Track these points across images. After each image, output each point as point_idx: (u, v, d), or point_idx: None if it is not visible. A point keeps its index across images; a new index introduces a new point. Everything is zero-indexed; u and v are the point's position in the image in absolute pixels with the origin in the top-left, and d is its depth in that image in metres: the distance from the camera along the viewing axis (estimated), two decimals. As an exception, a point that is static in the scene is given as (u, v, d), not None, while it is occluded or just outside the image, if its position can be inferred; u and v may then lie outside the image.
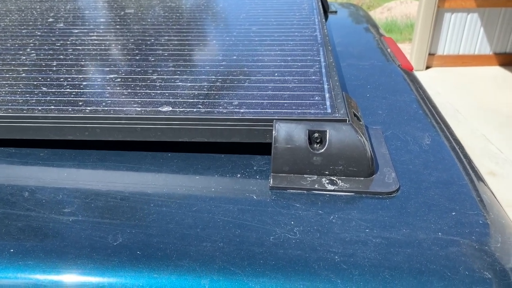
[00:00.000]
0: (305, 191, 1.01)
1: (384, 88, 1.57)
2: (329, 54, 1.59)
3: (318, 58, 1.61)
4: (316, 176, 1.04)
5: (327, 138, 1.02)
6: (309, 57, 1.57)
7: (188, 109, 1.22)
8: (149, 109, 1.22)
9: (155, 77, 1.43)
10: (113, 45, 1.72)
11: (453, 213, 0.94)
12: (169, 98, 1.28)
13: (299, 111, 1.08)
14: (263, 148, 1.15)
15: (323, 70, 1.48)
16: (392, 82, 1.63)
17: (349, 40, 2.25)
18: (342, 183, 1.03)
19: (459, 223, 0.91)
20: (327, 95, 1.35)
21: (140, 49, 1.65)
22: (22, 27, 1.94)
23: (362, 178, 1.04)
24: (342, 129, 1.02)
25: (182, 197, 1.00)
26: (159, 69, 1.48)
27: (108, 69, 1.52)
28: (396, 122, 1.32)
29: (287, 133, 1.03)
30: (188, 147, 1.18)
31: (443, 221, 0.91)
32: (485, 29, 6.72)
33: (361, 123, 1.27)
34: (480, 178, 1.19)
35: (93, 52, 1.65)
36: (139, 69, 1.49)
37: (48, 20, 2.06)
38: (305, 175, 1.05)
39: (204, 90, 1.34)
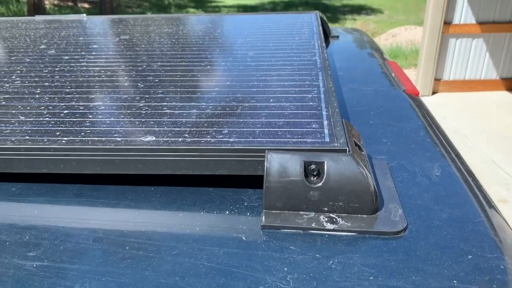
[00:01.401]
0: (301, 231, 0.89)
1: (389, 115, 1.46)
2: (329, 78, 1.49)
3: (317, 83, 1.51)
4: (313, 213, 0.92)
5: (325, 170, 0.94)
6: (307, 82, 1.47)
7: (172, 139, 1.12)
8: (131, 139, 1.11)
9: (141, 104, 1.33)
10: (103, 71, 1.64)
11: (470, 257, 0.81)
12: (154, 127, 1.17)
13: (295, 140, 0.98)
14: (258, 180, 1.03)
15: (322, 96, 1.38)
16: (397, 107, 1.52)
17: (352, 64, 2.15)
18: (343, 221, 0.91)
19: (477, 269, 0.78)
20: (325, 123, 1.24)
21: (130, 75, 1.57)
22: (12, 54, 1.87)
23: (365, 216, 0.92)
24: (342, 160, 0.93)
25: (162, 238, 0.88)
26: (147, 96, 1.39)
27: (93, 96, 1.43)
28: (403, 152, 1.21)
29: (281, 164, 0.94)
30: (172, 180, 1.06)
31: (458, 266, 0.79)
32: (490, 54, 6.65)
33: (363, 153, 1.16)
34: (497, 213, 1.07)
35: (80, 79, 1.56)
36: (126, 96, 1.39)
37: (40, 47, 1.99)
38: (301, 212, 0.94)
39: (192, 118, 1.24)
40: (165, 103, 1.34)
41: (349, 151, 1.08)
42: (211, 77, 1.59)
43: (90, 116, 1.28)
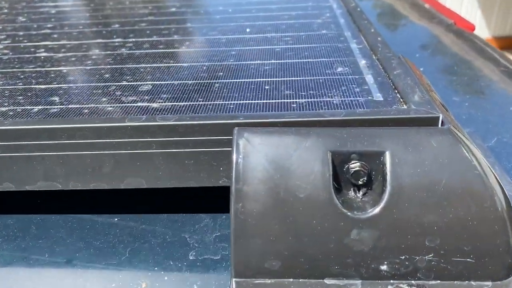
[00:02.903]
0: None
1: (449, 59, 0.81)
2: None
3: (328, 4, 0.84)
4: (357, 282, 0.38)
5: (389, 172, 0.43)
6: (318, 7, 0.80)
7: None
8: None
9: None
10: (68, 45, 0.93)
11: None
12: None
13: (304, 100, 0.47)
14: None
15: (341, 20, 0.71)
16: (456, 48, 0.88)
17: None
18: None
19: None
20: (362, 62, 0.59)
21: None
22: None
23: (490, 284, 0.40)
24: (431, 146, 0.43)
25: None
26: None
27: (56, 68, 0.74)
28: (496, 118, 0.69)
29: (268, 159, 0.44)
30: None
31: None
32: None
33: (459, 126, 0.50)
34: None
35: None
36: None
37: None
38: (326, 282, 0.41)
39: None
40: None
41: (442, 122, 0.44)
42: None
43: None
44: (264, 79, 0.58)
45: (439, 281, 0.43)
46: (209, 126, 0.46)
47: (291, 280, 0.43)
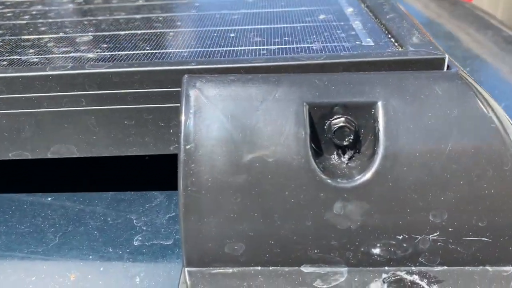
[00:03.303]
0: None
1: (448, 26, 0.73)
2: None
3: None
4: (343, 269, 0.34)
5: (381, 128, 0.33)
6: None
7: None
8: None
9: None
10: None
11: None
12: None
13: (276, 47, 0.41)
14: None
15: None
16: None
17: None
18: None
19: None
20: (349, 10, 0.49)
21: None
22: None
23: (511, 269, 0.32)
24: (437, 94, 0.33)
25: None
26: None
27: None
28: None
29: (229, 114, 0.33)
30: None
31: None
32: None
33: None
34: None
35: None
36: None
37: None
38: (303, 269, 0.34)
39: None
40: None
41: (448, 66, 0.34)
42: None
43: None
44: (230, 27, 0.48)
45: (446, 267, 0.34)
46: (152, 74, 0.36)
47: (259, 268, 0.34)
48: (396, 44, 0.40)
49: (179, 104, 0.36)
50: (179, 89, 0.36)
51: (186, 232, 0.33)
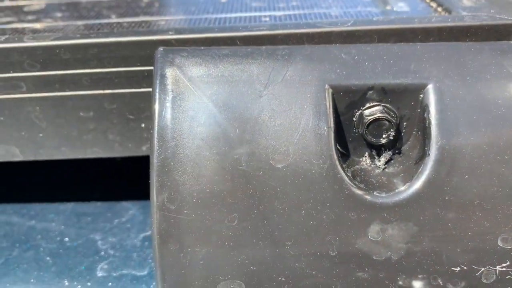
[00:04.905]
0: None
1: None
2: None
3: None
4: None
5: (432, 116, 0.24)
6: None
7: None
8: None
9: None
10: None
11: None
12: None
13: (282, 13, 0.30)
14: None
15: None
16: None
17: None
18: None
19: None
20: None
21: None
22: None
23: None
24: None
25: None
26: None
27: None
28: None
29: (221, 101, 0.24)
30: None
31: None
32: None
33: None
34: None
35: None
36: None
37: None
38: None
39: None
40: None
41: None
42: None
43: None
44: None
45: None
46: (115, 47, 0.27)
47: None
48: (439, 9, 0.31)
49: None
50: (152, 68, 0.26)
51: (163, 267, 0.24)
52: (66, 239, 0.33)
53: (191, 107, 0.24)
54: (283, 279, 0.25)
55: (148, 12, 0.35)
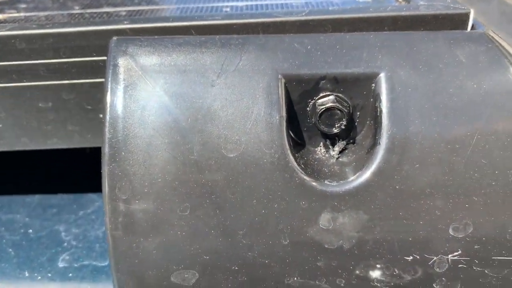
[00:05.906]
0: None
1: None
2: None
3: None
4: None
5: (385, 106, 0.24)
6: None
7: None
8: None
9: None
10: None
11: None
12: None
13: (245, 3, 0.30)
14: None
15: None
16: None
17: None
18: None
19: None
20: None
21: None
22: None
23: None
24: (462, 64, 0.24)
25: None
26: None
27: None
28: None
29: (174, 91, 0.24)
30: None
31: None
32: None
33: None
34: None
35: None
36: None
37: None
38: None
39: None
40: None
41: (473, 26, 0.25)
42: None
43: None
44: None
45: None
46: (71, 37, 0.27)
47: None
48: (400, -1, 0.31)
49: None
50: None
51: (116, 257, 0.24)
52: (30, 230, 0.33)
53: (143, 97, 0.24)
54: (236, 268, 0.25)
55: (112, 2, 0.35)
